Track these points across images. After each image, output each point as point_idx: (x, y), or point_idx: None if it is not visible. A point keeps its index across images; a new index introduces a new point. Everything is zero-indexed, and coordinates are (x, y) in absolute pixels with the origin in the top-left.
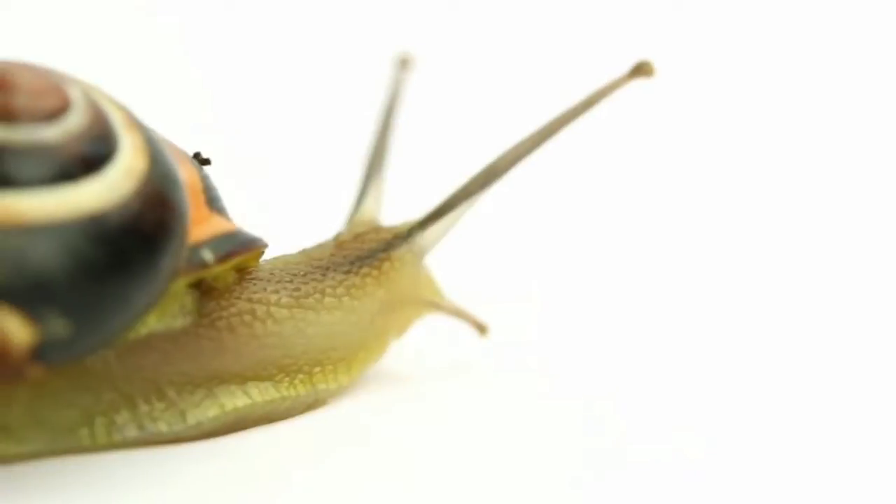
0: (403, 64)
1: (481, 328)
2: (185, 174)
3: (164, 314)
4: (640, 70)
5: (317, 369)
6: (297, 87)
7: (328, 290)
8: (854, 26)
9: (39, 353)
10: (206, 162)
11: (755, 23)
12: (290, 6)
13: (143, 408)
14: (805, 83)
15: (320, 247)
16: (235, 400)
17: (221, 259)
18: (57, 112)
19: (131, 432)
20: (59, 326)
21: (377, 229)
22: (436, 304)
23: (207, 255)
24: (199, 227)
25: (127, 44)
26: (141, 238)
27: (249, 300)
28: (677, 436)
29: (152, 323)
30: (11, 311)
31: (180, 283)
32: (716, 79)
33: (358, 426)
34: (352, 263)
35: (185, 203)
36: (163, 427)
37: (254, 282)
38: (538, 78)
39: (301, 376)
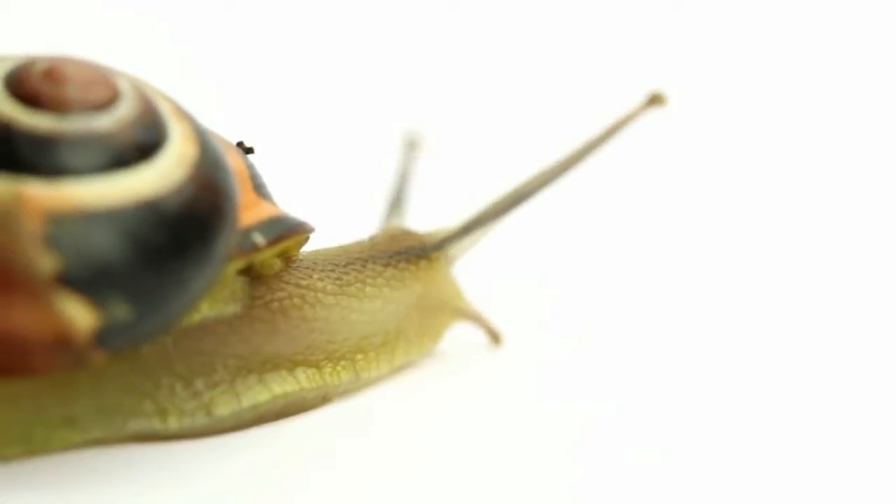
0: (411, 146)
1: (496, 337)
2: (233, 161)
3: (216, 300)
4: (654, 101)
5: (359, 356)
6: (300, 90)
7: (368, 280)
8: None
9: (103, 338)
10: (250, 150)
11: (764, 40)
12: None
13: (202, 392)
14: (811, 96)
15: (357, 243)
16: (285, 385)
17: (272, 242)
18: (108, 101)
19: (192, 417)
20: (121, 311)
21: (409, 233)
22: (462, 310)
23: (258, 239)
24: (249, 212)
25: (127, 43)
26: (196, 222)
27: (298, 286)
28: (679, 437)
29: (205, 310)
30: (75, 297)
31: (231, 269)
32: (727, 94)
33: (364, 418)
34: (390, 257)
35: (235, 188)
36: (223, 411)
37: (299, 269)
38: (554, 96)
39: (344, 363)
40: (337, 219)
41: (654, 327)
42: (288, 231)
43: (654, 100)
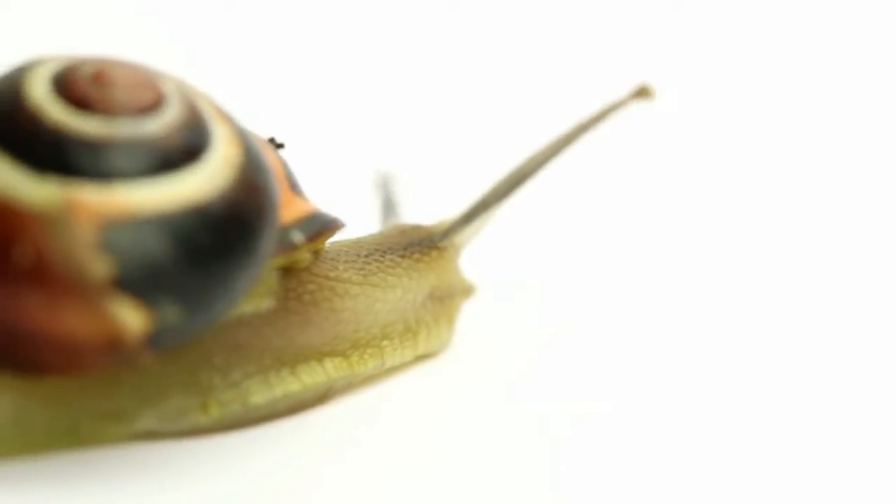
0: (385, 182)
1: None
2: (270, 159)
3: (252, 296)
4: (641, 94)
5: (385, 343)
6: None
7: (389, 270)
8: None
9: (153, 340)
10: (281, 146)
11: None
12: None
13: (238, 383)
14: (809, 87)
15: (370, 235)
16: (315, 375)
17: (311, 239)
18: (154, 105)
19: (229, 408)
20: (172, 313)
21: (417, 226)
22: (469, 290)
23: (297, 237)
24: (286, 210)
25: (127, 43)
26: (241, 224)
27: (327, 277)
28: (679, 436)
29: (243, 305)
30: (128, 301)
31: (271, 266)
32: (724, 84)
33: (371, 413)
34: (405, 248)
35: (276, 188)
36: (258, 400)
37: (325, 261)
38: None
39: (371, 350)
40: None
41: (649, 322)
42: (324, 227)
43: (642, 92)
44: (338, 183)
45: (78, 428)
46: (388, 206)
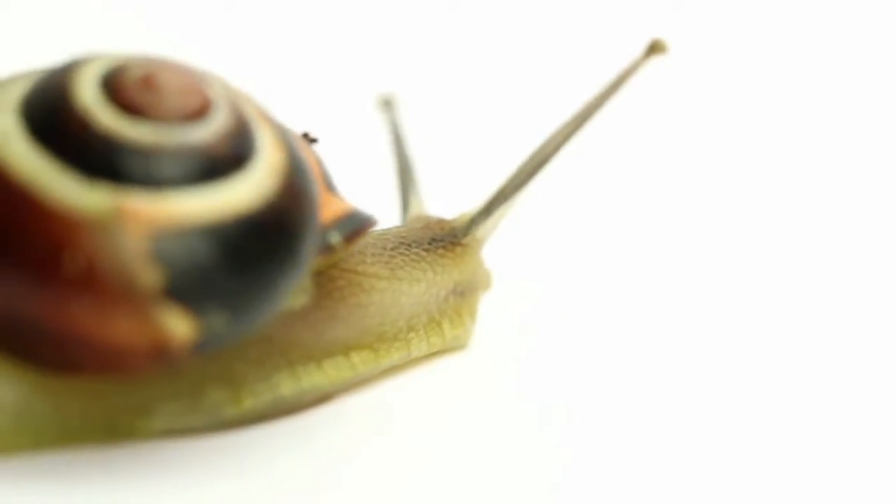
0: (386, 105)
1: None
2: (307, 157)
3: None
4: (654, 48)
5: (411, 335)
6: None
7: (414, 264)
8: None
9: (198, 346)
10: (315, 141)
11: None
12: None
13: (270, 377)
14: (819, 81)
15: (394, 227)
16: (341, 369)
17: (348, 240)
18: (202, 111)
19: (260, 400)
20: (218, 321)
21: (440, 221)
22: (490, 283)
23: (335, 238)
24: (324, 210)
25: (127, 43)
26: (286, 231)
27: (356, 272)
28: (682, 435)
29: None
30: (176, 309)
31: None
32: (740, 64)
33: (381, 414)
34: (429, 243)
35: (317, 191)
36: (286, 392)
37: (353, 255)
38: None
39: (398, 343)
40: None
41: (663, 318)
42: (360, 227)
43: (654, 48)
44: (348, 173)
45: (115, 423)
46: (405, 172)
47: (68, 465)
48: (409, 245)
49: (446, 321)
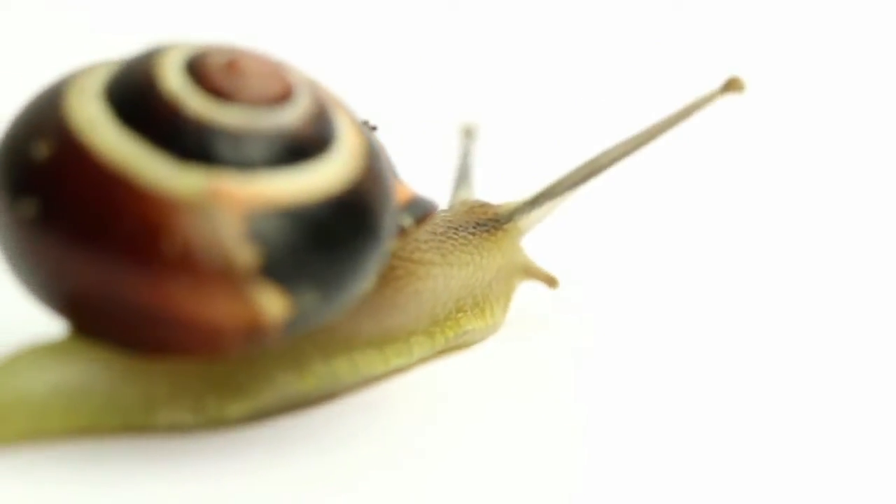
0: (468, 134)
1: (552, 281)
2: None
3: None
4: (731, 86)
5: (460, 315)
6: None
7: (462, 248)
8: None
9: (291, 325)
10: (375, 129)
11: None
12: None
13: (331, 360)
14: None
15: (440, 212)
16: (400, 354)
17: (419, 222)
18: (285, 96)
19: (323, 381)
20: (310, 300)
21: (484, 205)
22: (529, 270)
23: (407, 220)
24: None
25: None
26: (370, 211)
27: (411, 260)
28: (687, 435)
29: None
30: (272, 288)
31: None
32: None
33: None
34: (474, 227)
35: (392, 173)
36: (345, 378)
37: (408, 243)
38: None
39: (449, 323)
40: None
41: (664, 327)
42: (427, 210)
43: (731, 85)
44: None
45: (204, 403)
46: (463, 170)
47: (77, 456)
48: (457, 229)
49: (488, 306)
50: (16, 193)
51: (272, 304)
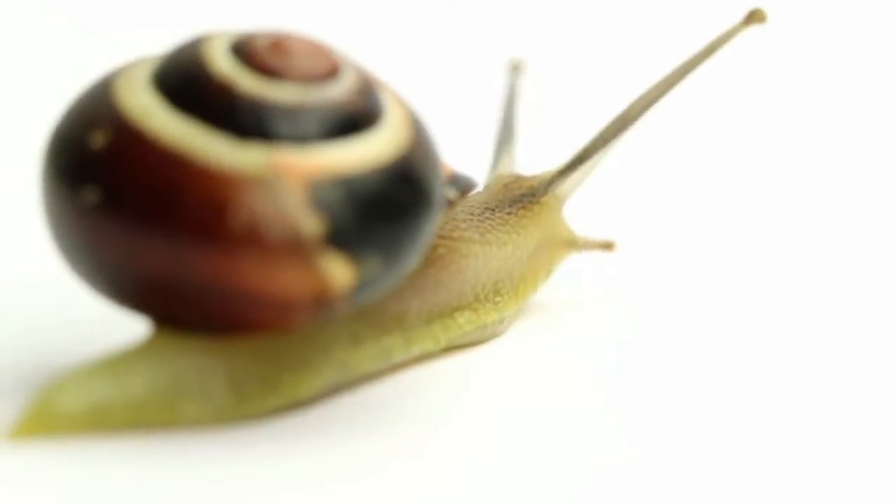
0: (515, 69)
1: (609, 245)
2: None
3: None
4: (753, 17)
5: (497, 298)
6: None
7: (500, 228)
8: None
9: (356, 293)
10: None
11: None
12: None
13: (380, 339)
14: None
15: (476, 193)
16: (449, 330)
17: (462, 195)
18: (332, 72)
19: (376, 362)
20: (374, 266)
21: (519, 178)
22: (573, 242)
23: (452, 193)
24: None
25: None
26: (423, 179)
27: (451, 238)
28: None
29: None
30: (338, 255)
31: None
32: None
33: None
34: (511, 205)
35: (438, 146)
36: (397, 356)
37: (447, 221)
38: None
39: (488, 305)
40: None
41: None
42: (468, 185)
43: (753, 16)
44: None
45: (280, 381)
46: (507, 121)
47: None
48: (493, 210)
49: (522, 285)
50: (75, 183)
51: (339, 271)
